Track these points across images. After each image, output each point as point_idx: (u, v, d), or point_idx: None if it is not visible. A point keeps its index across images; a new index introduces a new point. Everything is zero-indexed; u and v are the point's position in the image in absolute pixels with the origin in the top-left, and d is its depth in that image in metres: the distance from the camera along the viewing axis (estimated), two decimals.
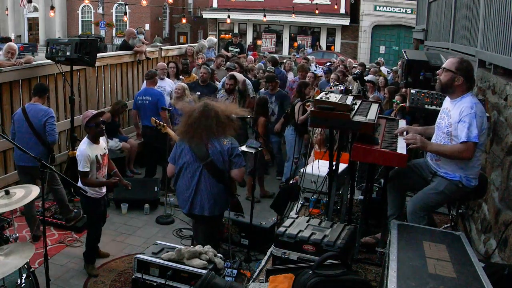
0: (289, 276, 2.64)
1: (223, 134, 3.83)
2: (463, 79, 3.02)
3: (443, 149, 3.08)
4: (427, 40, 8.31)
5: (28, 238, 4.98)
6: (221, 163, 3.79)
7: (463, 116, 2.93)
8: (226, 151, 3.79)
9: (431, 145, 3.14)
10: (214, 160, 3.77)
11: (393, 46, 27.48)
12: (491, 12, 4.28)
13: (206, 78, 7.36)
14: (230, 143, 3.83)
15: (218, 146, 3.78)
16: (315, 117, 3.17)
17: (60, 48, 5.81)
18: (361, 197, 4.30)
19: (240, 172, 3.87)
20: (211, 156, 3.77)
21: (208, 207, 3.81)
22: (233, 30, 29.36)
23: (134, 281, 3.02)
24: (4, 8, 31.85)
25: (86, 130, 4.35)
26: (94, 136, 4.30)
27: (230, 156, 3.80)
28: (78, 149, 4.27)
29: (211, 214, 3.82)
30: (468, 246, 2.36)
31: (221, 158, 3.78)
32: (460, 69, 3.02)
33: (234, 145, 3.85)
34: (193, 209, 3.84)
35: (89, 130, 4.30)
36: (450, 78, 3.03)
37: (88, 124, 4.26)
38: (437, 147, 3.13)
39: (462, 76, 3.01)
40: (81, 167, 4.16)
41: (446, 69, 3.06)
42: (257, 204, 5.43)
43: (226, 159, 3.79)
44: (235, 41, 11.67)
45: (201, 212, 3.82)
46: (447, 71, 3.05)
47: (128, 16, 27.18)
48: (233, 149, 3.82)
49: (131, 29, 9.56)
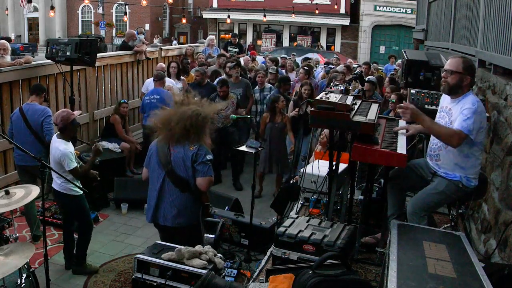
0: (289, 276, 2.64)
1: (197, 140, 3.38)
2: (470, 78, 3.02)
3: (438, 127, 3.01)
4: (427, 40, 8.32)
5: (28, 238, 4.98)
6: (183, 171, 3.38)
7: (463, 110, 2.92)
8: (190, 157, 3.36)
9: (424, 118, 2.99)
10: (175, 167, 3.38)
11: (393, 46, 27.47)
12: (491, 12, 4.28)
13: (200, 80, 7.35)
14: (197, 149, 3.38)
15: (182, 152, 3.38)
16: (315, 117, 3.17)
17: (60, 48, 5.82)
18: (361, 197, 4.30)
19: (204, 181, 3.40)
20: (172, 163, 3.39)
21: (171, 217, 3.45)
22: (233, 30, 29.34)
23: (134, 281, 3.02)
24: (4, 8, 31.87)
25: (67, 128, 4.16)
26: (70, 135, 4.23)
27: (194, 163, 3.36)
28: (59, 151, 4.06)
29: (174, 225, 3.45)
30: (468, 246, 2.35)
31: (182, 165, 3.38)
32: (467, 69, 3.01)
33: (201, 151, 3.38)
34: (156, 218, 3.53)
35: (71, 128, 4.20)
36: (458, 79, 3.00)
37: (73, 123, 4.18)
38: (430, 122, 3.01)
39: (469, 75, 3.01)
40: (68, 166, 4.05)
41: (453, 71, 3.01)
42: (257, 204, 5.42)
43: (189, 165, 3.37)
44: (234, 41, 11.66)
45: (164, 222, 3.49)
46: (455, 73, 3.00)
47: (128, 16, 27.24)
48: (198, 155, 3.37)
49: (132, 31, 9.58)
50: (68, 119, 4.14)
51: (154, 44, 10.28)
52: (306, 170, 4.30)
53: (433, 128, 3.03)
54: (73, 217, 4.40)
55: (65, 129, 4.16)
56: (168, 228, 3.49)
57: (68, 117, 4.15)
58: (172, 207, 3.44)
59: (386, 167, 3.53)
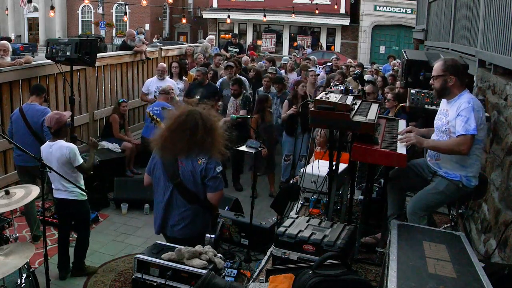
0: (289, 276, 2.64)
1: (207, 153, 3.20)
2: (455, 78, 3.03)
3: (440, 144, 3.08)
4: (427, 40, 8.31)
5: (28, 238, 4.98)
6: (192, 185, 3.25)
7: (460, 111, 2.93)
8: (199, 173, 3.21)
9: (427, 141, 3.15)
10: (184, 181, 3.24)
11: (393, 46, 27.49)
12: (491, 12, 4.28)
13: (201, 80, 7.35)
14: (205, 163, 3.21)
15: (190, 166, 3.22)
16: (315, 117, 3.17)
17: (60, 48, 5.81)
18: (361, 197, 4.30)
19: (215, 196, 3.30)
20: (180, 176, 3.24)
21: (179, 229, 3.34)
22: (233, 30, 29.37)
23: (134, 281, 3.01)
24: (4, 8, 31.89)
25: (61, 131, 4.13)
26: (64, 137, 4.20)
27: (204, 179, 3.22)
28: (66, 148, 4.03)
29: (182, 236, 3.33)
30: (468, 246, 2.36)
31: (192, 179, 3.23)
32: (447, 69, 3.04)
33: (210, 164, 3.22)
34: (164, 230, 3.43)
35: (65, 130, 4.21)
36: (442, 82, 3.06)
37: (66, 125, 4.16)
38: (433, 142, 3.14)
39: (452, 75, 3.03)
40: (78, 161, 4.05)
41: (436, 75, 3.09)
42: (257, 204, 5.42)
43: (199, 181, 3.23)
44: (235, 41, 11.66)
45: (171, 234, 3.39)
46: (437, 77, 3.08)
47: (128, 16, 27.26)
48: (207, 170, 3.21)
49: (131, 30, 9.57)
50: (62, 121, 4.10)
51: (154, 44, 10.28)
52: (306, 170, 4.30)
53: (436, 145, 3.10)
54: (78, 223, 4.37)
55: (60, 131, 4.11)
56: (177, 240, 3.36)
57: (62, 120, 4.10)
58: (180, 219, 3.33)
59: (386, 167, 3.53)
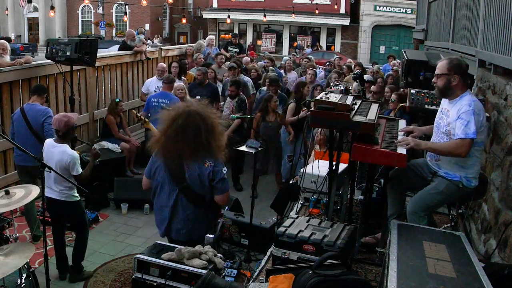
0: (289, 276, 2.64)
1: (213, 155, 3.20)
2: (459, 77, 3.02)
3: (438, 146, 3.08)
4: (427, 40, 8.32)
5: (28, 238, 4.98)
6: (199, 188, 3.24)
7: (461, 113, 2.93)
8: (206, 176, 3.20)
9: (426, 143, 3.14)
10: (191, 185, 3.22)
11: (393, 46, 27.49)
12: (491, 12, 4.28)
13: (202, 80, 7.34)
14: (212, 165, 3.20)
15: (197, 169, 3.19)
16: (315, 117, 3.17)
17: (60, 48, 5.81)
18: (361, 197, 4.29)
19: (224, 197, 3.34)
20: (188, 180, 3.22)
21: (184, 232, 3.35)
22: (233, 30, 29.38)
23: (134, 281, 3.02)
24: (4, 8, 31.89)
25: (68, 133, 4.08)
26: (69, 139, 4.16)
27: (212, 182, 3.22)
28: (68, 156, 3.99)
29: (188, 239, 3.33)
30: (468, 246, 2.35)
31: (199, 182, 3.22)
32: (452, 68, 3.02)
33: (217, 167, 3.22)
34: (169, 232, 3.42)
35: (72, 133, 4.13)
36: (446, 81, 3.04)
37: (73, 127, 4.10)
38: (431, 144, 3.13)
39: (456, 75, 3.01)
40: (77, 171, 4.00)
41: (440, 74, 3.06)
42: (257, 204, 5.42)
43: (206, 184, 3.22)
44: (235, 42, 11.66)
45: (176, 237, 3.38)
46: (441, 76, 3.05)
47: (128, 16, 27.27)
48: (215, 173, 3.21)
49: (131, 30, 9.57)
50: (70, 124, 4.06)
51: (154, 44, 10.28)
52: (306, 170, 4.31)
53: (434, 147, 3.09)
54: (75, 225, 4.36)
55: (68, 134, 4.08)
56: (181, 242, 3.33)
57: (70, 122, 4.06)
58: (186, 222, 3.33)
59: (386, 167, 3.53)
